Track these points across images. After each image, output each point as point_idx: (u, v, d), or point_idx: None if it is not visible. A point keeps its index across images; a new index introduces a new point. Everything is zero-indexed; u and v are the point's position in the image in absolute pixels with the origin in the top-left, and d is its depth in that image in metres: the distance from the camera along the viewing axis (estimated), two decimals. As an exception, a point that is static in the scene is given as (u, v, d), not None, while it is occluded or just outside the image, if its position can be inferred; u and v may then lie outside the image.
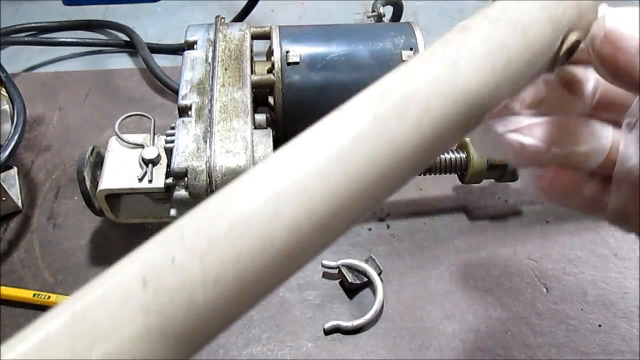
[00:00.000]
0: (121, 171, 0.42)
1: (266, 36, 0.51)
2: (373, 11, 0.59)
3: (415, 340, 0.41)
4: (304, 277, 0.45)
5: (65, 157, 0.55)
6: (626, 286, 0.44)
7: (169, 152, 0.41)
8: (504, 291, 0.44)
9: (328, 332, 0.42)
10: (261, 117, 0.44)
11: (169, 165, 0.41)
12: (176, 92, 0.49)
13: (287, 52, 0.48)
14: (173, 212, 0.40)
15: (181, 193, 0.39)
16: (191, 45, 0.49)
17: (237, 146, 0.40)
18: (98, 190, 0.42)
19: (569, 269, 0.46)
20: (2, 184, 0.48)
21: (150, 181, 0.42)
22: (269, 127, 0.44)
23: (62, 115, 0.59)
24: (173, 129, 0.42)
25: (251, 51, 0.50)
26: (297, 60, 0.48)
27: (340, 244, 0.47)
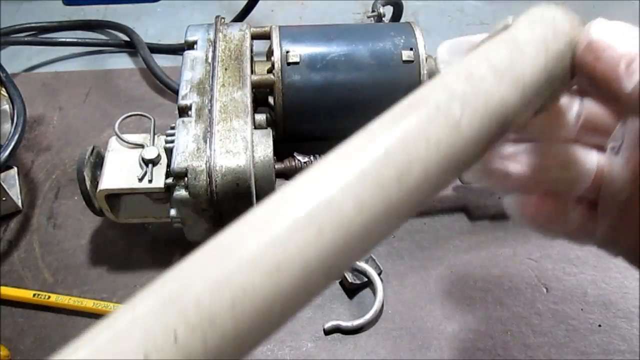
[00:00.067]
0: (121, 171, 0.42)
1: (266, 36, 0.51)
2: (373, 11, 0.59)
3: (415, 340, 0.41)
4: (304, 277, 0.45)
5: (65, 157, 0.55)
6: (626, 286, 0.44)
7: (169, 152, 0.41)
8: (504, 291, 0.44)
9: (328, 332, 0.42)
10: (261, 117, 0.44)
11: (169, 165, 0.41)
12: (176, 92, 0.49)
13: (287, 52, 0.48)
14: (173, 212, 0.40)
15: (181, 193, 0.39)
16: (191, 45, 0.49)
17: (237, 146, 0.40)
18: (98, 190, 0.42)
19: (569, 269, 0.46)
20: (2, 184, 0.48)
21: (150, 181, 0.42)
22: (269, 127, 0.44)
23: (62, 115, 0.59)
24: (173, 129, 0.42)
25: (251, 51, 0.50)
26: (297, 60, 0.48)
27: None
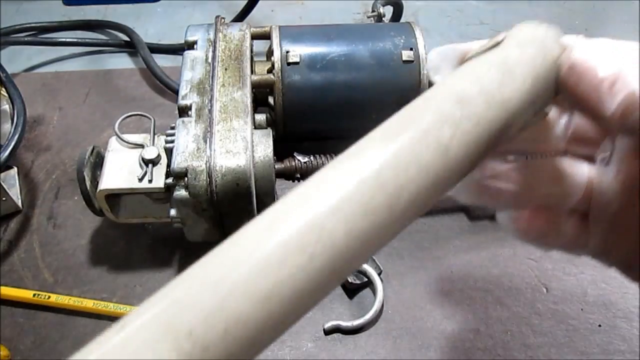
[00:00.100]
0: (121, 171, 0.42)
1: (266, 36, 0.51)
2: (373, 11, 0.59)
3: (415, 340, 0.41)
4: (304, 277, 0.45)
5: (65, 157, 0.55)
6: (626, 286, 0.44)
7: (169, 152, 0.41)
8: (504, 291, 0.44)
9: (328, 332, 0.42)
10: (261, 117, 0.44)
11: (169, 165, 0.41)
12: (176, 92, 0.49)
13: (287, 52, 0.48)
14: (173, 212, 0.40)
15: (181, 193, 0.39)
16: (191, 45, 0.49)
17: (237, 146, 0.40)
18: (98, 190, 0.42)
19: (569, 269, 0.46)
20: (2, 184, 0.48)
21: (150, 181, 0.42)
22: (269, 127, 0.44)
23: (62, 115, 0.59)
24: (173, 129, 0.42)
25: (251, 51, 0.50)
26: (297, 60, 0.48)
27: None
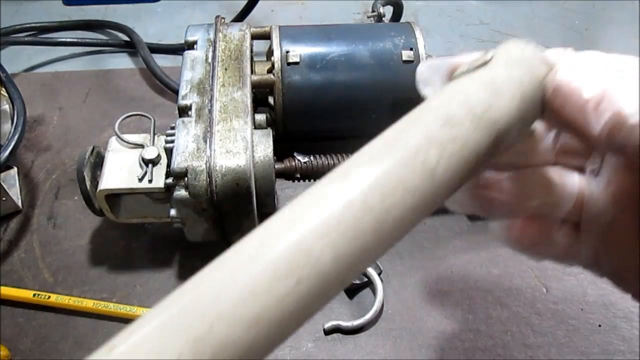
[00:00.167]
0: (121, 171, 0.42)
1: (266, 36, 0.51)
2: (373, 11, 0.59)
3: (415, 340, 0.41)
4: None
5: (65, 157, 0.55)
6: (626, 286, 0.44)
7: (169, 152, 0.41)
8: (504, 291, 0.44)
9: (328, 332, 0.42)
10: (261, 117, 0.44)
11: (169, 165, 0.41)
12: (176, 92, 0.49)
13: (287, 52, 0.48)
14: (173, 212, 0.40)
15: (181, 193, 0.39)
16: (191, 45, 0.49)
17: (237, 146, 0.40)
18: (98, 190, 0.42)
19: (569, 269, 0.46)
20: (2, 184, 0.48)
21: (150, 181, 0.42)
22: (269, 127, 0.44)
23: (62, 115, 0.59)
24: (173, 129, 0.42)
25: (251, 51, 0.50)
26: (297, 60, 0.48)
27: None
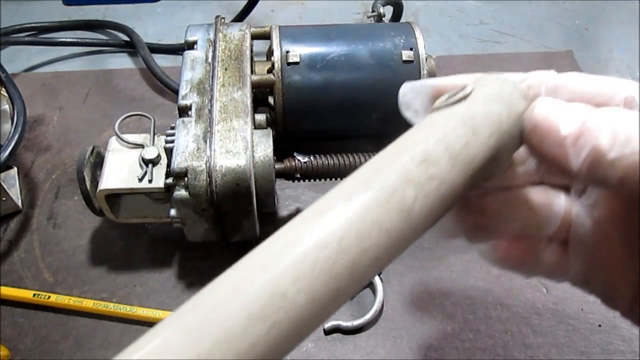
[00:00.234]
0: (121, 171, 0.42)
1: (266, 36, 0.51)
2: (373, 11, 0.59)
3: (415, 340, 0.41)
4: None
5: (65, 157, 0.55)
6: (626, 286, 0.44)
7: (169, 152, 0.41)
8: (504, 291, 0.44)
9: (328, 332, 0.42)
10: (261, 117, 0.44)
11: (169, 165, 0.41)
12: (176, 92, 0.49)
13: (287, 52, 0.48)
14: (173, 212, 0.40)
15: (181, 193, 0.39)
16: (191, 45, 0.49)
17: (237, 146, 0.40)
18: (98, 190, 0.42)
19: (569, 269, 0.46)
20: (2, 184, 0.48)
21: (150, 181, 0.42)
22: (269, 127, 0.44)
23: (62, 115, 0.59)
24: (173, 129, 0.42)
25: (251, 51, 0.50)
26: (297, 60, 0.48)
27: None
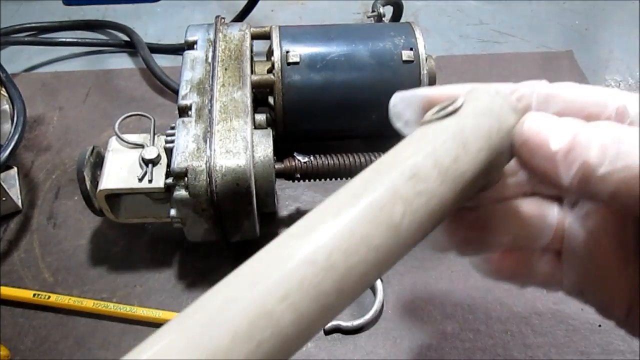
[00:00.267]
0: (121, 171, 0.42)
1: (266, 36, 0.51)
2: (373, 11, 0.59)
3: (415, 340, 0.41)
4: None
5: (65, 157, 0.55)
6: (626, 286, 0.44)
7: (169, 152, 0.41)
8: (504, 291, 0.44)
9: (328, 332, 0.42)
10: (261, 117, 0.44)
11: (169, 165, 0.41)
12: (176, 92, 0.49)
13: (287, 52, 0.48)
14: (173, 212, 0.40)
15: (181, 193, 0.39)
16: (191, 45, 0.49)
17: (237, 146, 0.40)
18: (98, 190, 0.42)
19: (569, 269, 0.46)
20: (2, 184, 0.48)
21: (150, 181, 0.42)
22: (269, 127, 0.44)
23: (62, 115, 0.59)
24: (173, 129, 0.42)
25: (251, 51, 0.50)
26: (297, 60, 0.48)
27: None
